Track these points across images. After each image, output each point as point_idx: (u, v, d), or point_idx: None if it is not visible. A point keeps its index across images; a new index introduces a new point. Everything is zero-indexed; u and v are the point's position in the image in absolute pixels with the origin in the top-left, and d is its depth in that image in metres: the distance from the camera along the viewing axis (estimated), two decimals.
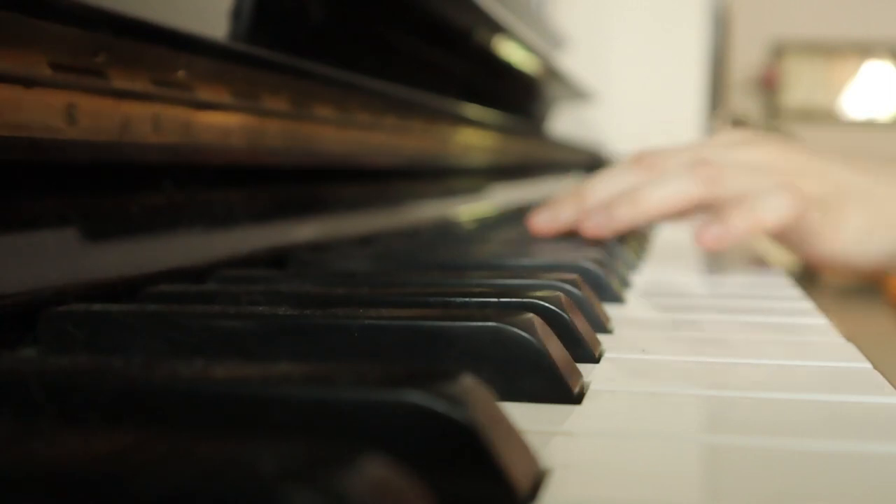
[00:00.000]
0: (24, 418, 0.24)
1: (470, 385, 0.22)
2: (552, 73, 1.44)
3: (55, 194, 0.39)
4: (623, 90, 2.56)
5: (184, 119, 0.45)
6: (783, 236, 0.70)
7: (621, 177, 0.72)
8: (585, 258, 0.57)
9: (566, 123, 1.86)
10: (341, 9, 0.68)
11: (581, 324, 0.39)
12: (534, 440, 0.24)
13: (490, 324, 0.32)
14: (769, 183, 0.66)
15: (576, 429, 0.28)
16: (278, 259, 0.56)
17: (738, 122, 5.16)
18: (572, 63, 1.83)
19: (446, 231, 0.87)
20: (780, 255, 0.72)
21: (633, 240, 0.83)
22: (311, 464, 0.16)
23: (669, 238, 1.06)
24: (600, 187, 0.72)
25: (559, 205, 0.72)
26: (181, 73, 0.45)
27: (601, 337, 0.43)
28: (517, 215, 1.13)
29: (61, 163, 0.39)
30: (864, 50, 5.96)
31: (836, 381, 0.36)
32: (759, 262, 0.80)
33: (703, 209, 0.69)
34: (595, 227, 0.68)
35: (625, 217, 0.68)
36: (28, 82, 0.35)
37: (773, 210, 0.65)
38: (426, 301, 0.39)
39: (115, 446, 0.17)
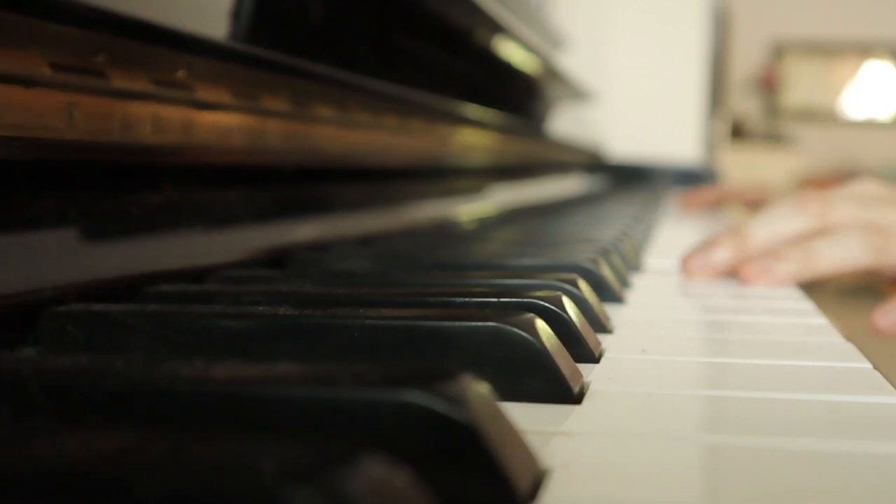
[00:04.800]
0: (24, 418, 0.24)
1: (470, 385, 0.22)
2: (552, 73, 1.44)
3: (55, 194, 0.39)
4: (623, 90, 2.55)
5: (184, 119, 0.45)
6: None
7: (786, 222, 0.68)
8: (585, 258, 0.57)
9: (566, 123, 1.86)
10: (341, 9, 0.68)
11: (581, 324, 0.39)
12: (534, 440, 0.24)
13: (490, 324, 0.32)
14: None
15: (576, 429, 0.28)
16: (278, 259, 0.56)
17: (738, 123, 5.16)
18: (572, 63, 1.83)
19: (446, 231, 0.87)
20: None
21: (634, 240, 0.83)
22: (312, 464, 0.16)
23: (670, 238, 1.06)
24: (764, 231, 0.68)
25: (716, 244, 0.68)
26: (181, 73, 0.45)
27: (601, 337, 0.43)
28: (517, 215, 1.13)
29: (61, 163, 0.39)
30: (864, 50, 5.96)
31: (836, 381, 0.36)
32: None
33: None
34: (758, 274, 0.66)
35: (791, 273, 0.65)
36: (28, 82, 0.35)
37: None
38: (426, 301, 0.39)
39: (115, 446, 0.17)
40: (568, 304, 0.39)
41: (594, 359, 0.38)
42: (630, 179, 2.35)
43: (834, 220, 0.68)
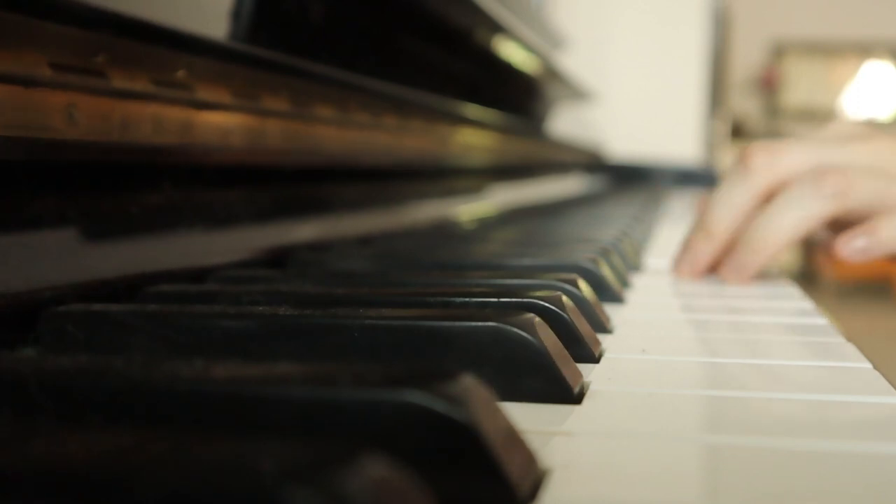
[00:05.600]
0: (24, 418, 0.24)
1: (470, 385, 0.22)
2: (552, 73, 1.44)
3: (55, 194, 0.39)
4: (623, 90, 2.56)
5: (184, 119, 0.45)
6: None
7: (739, 192, 0.66)
8: (585, 258, 0.57)
9: (566, 123, 1.86)
10: (341, 9, 0.68)
11: (581, 324, 0.39)
12: (534, 440, 0.24)
13: (490, 324, 0.32)
14: None
15: (576, 429, 0.28)
16: (278, 259, 0.56)
17: (738, 123, 5.16)
18: (572, 63, 1.84)
19: (446, 231, 0.87)
20: (780, 256, 0.70)
21: (634, 240, 0.83)
22: (312, 464, 0.16)
23: (670, 238, 1.06)
24: (723, 213, 0.66)
25: (693, 245, 0.68)
26: (181, 73, 0.45)
27: (601, 337, 0.43)
28: (517, 215, 1.13)
29: (61, 163, 0.39)
30: (864, 50, 5.96)
31: (836, 381, 0.36)
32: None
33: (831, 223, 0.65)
34: (734, 277, 0.65)
35: (758, 260, 0.64)
36: (28, 82, 0.35)
37: None
38: (426, 301, 0.39)
39: (115, 446, 0.17)
40: (568, 304, 0.39)
41: (594, 359, 0.38)
42: (630, 179, 2.35)
43: (784, 169, 0.64)
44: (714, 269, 0.67)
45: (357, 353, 0.32)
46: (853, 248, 0.61)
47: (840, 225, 0.64)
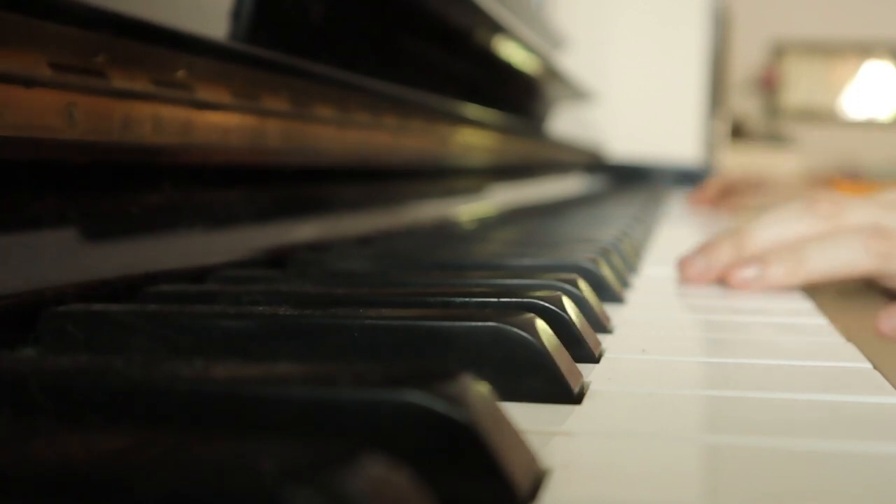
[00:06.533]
0: (24, 418, 0.24)
1: (470, 385, 0.22)
2: (552, 73, 1.44)
3: (55, 194, 0.39)
4: (623, 90, 2.56)
5: (184, 119, 0.45)
6: None
7: (792, 224, 0.64)
8: (585, 258, 0.57)
9: (566, 123, 1.86)
10: (341, 9, 0.68)
11: (581, 324, 0.39)
12: (534, 440, 0.24)
13: (490, 324, 0.32)
14: None
15: (576, 429, 0.28)
16: (278, 259, 0.56)
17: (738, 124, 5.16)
18: (572, 63, 1.83)
19: (446, 231, 0.87)
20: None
21: (634, 240, 0.83)
22: (312, 464, 0.16)
23: (670, 238, 1.06)
24: (765, 234, 0.64)
25: (715, 248, 0.64)
26: (181, 73, 0.45)
27: (601, 337, 0.43)
28: (517, 215, 1.13)
29: (61, 163, 0.39)
30: (864, 50, 5.96)
31: (836, 381, 0.36)
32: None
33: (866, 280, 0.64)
34: (743, 282, 0.62)
35: (781, 279, 0.61)
36: (28, 82, 0.35)
37: None
38: (426, 301, 0.39)
39: (115, 446, 0.17)
40: (568, 304, 0.39)
41: (594, 359, 0.38)
42: (630, 179, 2.35)
43: (845, 223, 0.63)
44: (719, 279, 0.65)
45: (357, 353, 0.32)
46: (891, 324, 0.61)
47: (876, 285, 0.65)
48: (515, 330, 0.31)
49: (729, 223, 1.39)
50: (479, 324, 0.32)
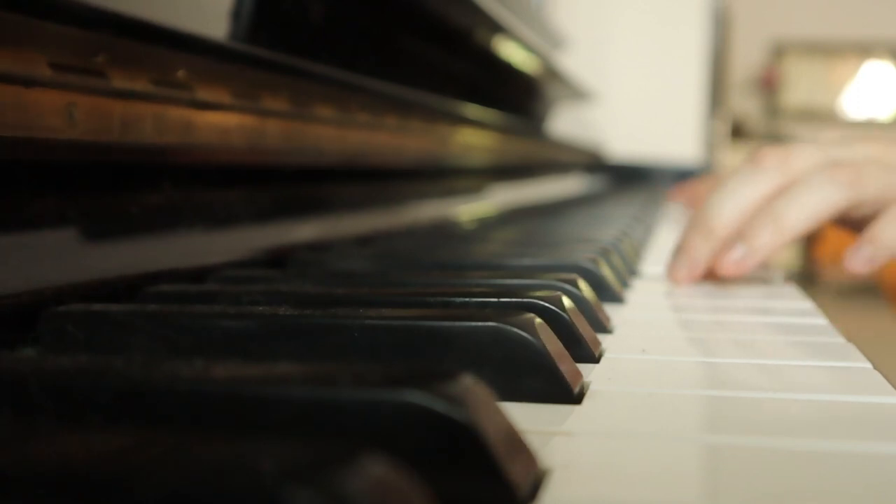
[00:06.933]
0: (24, 418, 0.24)
1: (470, 385, 0.22)
2: (552, 73, 1.44)
3: (55, 194, 0.39)
4: (623, 90, 2.56)
5: (184, 119, 0.45)
6: None
7: (747, 188, 0.62)
8: (585, 258, 0.57)
9: (566, 123, 1.86)
10: (341, 9, 0.68)
11: (581, 324, 0.39)
12: (534, 440, 0.24)
13: (490, 324, 0.32)
14: None
15: (576, 429, 0.28)
16: (278, 259, 0.56)
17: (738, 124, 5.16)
18: (572, 63, 1.84)
19: (446, 231, 0.87)
20: (780, 256, 0.69)
21: (634, 240, 0.83)
22: (312, 464, 0.16)
23: (670, 238, 1.07)
24: (727, 208, 0.62)
25: (690, 246, 0.63)
26: (181, 73, 0.45)
27: (601, 337, 0.43)
28: (517, 215, 1.13)
29: (61, 163, 0.39)
30: (864, 50, 5.96)
31: (836, 381, 0.36)
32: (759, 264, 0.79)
33: (842, 217, 0.63)
34: (737, 265, 0.60)
35: (768, 244, 0.60)
36: (28, 82, 0.35)
37: None
38: (426, 301, 0.39)
39: (115, 446, 0.17)
40: (568, 304, 0.39)
41: (594, 359, 0.38)
42: (630, 179, 2.35)
43: (795, 168, 0.62)
44: (711, 273, 0.64)
45: (357, 353, 0.32)
46: (860, 258, 0.60)
47: (848, 223, 0.64)
48: (515, 330, 0.31)
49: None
50: (479, 324, 0.32)
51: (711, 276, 0.64)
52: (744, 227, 0.61)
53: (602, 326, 0.45)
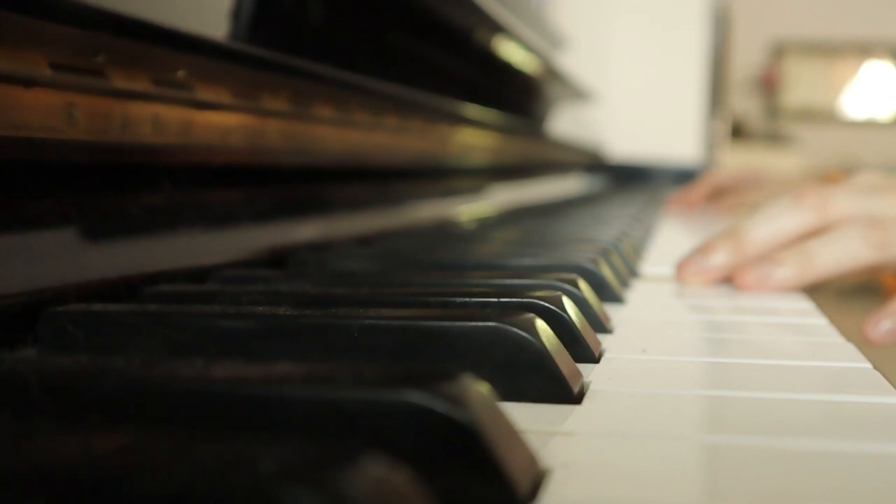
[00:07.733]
0: (24, 418, 0.24)
1: (470, 385, 0.22)
2: (552, 73, 1.44)
3: (55, 194, 0.39)
4: (623, 90, 2.55)
5: (184, 119, 0.45)
6: None
7: (784, 219, 0.65)
8: (585, 258, 0.57)
9: (566, 123, 1.86)
10: (341, 9, 0.68)
11: (581, 324, 0.39)
12: (534, 440, 0.24)
13: (490, 324, 0.32)
14: None
15: (576, 429, 0.28)
16: (278, 259, 0.56)
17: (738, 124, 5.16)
18: (572, 63, 1.83)
19: (446, 231, 0.87)
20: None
21: (634, 240, 0.83)
22: (312, 464, 0.16)
23: (670, 238, 1.07)
24: (762, 231, 0.65)
25: (713, 249, 0.65)
26: (181, 73, 0.45)
27: (601, 337, 0.43)
28: (517, 215, 1.13)
29: (61, 163, 0.39)
30: (864, 50, 5.97)
31: (836, 381, 0.36)
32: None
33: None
34: (754, 282, 0.62)
35: (790, 279, 0.62)
36: (28, 82, 0.35)
37: None
38: (426, 301, 0.39)
39: (115, 446, 0.17)
40: (568, 304, 0.39)
41: (594, 359, 0.38)
42: (630, 179, 2.35)
43: (833, 213, 0.65)
44: (720, 280, 0.65)
45: (357, 353, 0.32)
46: (880, 331, 0.61)
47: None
48: (515, 330, 0.31)
49: (728, 223, 1.38)
50: (479, 324, 0.32)
51: (720, 281, 0.65)
52: (772, 254, 0.64)
53: (602, 326, 0.45)
